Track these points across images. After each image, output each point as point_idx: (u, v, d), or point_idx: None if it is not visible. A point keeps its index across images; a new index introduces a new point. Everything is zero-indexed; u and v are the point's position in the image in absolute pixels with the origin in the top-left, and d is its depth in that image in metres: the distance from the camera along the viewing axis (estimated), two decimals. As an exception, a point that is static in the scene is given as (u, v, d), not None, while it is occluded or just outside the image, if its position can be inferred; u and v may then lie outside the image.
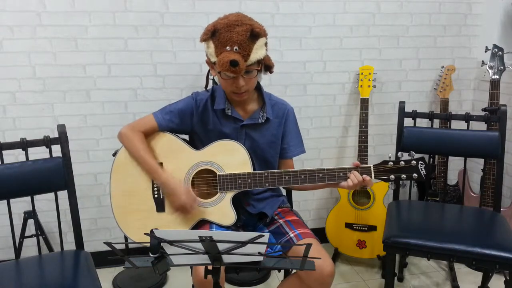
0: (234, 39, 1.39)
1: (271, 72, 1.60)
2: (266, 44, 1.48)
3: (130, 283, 2.26)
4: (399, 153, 1.47)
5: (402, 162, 1.45)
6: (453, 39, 2.62)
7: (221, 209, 1.52)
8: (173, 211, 1.52)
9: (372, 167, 1.46)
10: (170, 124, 1.58)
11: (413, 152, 1.45)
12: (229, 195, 1.52)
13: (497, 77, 2.29)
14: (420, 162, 1.44)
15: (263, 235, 0.98)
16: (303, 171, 1.49)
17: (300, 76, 2.48)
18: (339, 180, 1.48)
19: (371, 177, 1.45)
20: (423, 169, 1.44)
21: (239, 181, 1.50)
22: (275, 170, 1.51)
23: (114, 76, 2.27)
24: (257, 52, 1.43)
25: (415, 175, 1.45)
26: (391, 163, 1.46)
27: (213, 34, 1.43)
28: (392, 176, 1.45)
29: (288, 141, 1.66)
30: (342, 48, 2.49)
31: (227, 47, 1.40)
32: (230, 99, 1.58)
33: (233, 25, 1.40)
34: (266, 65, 1.56)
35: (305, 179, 1.49)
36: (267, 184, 1.50)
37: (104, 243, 0.99)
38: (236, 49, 1.39)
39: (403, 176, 1.45)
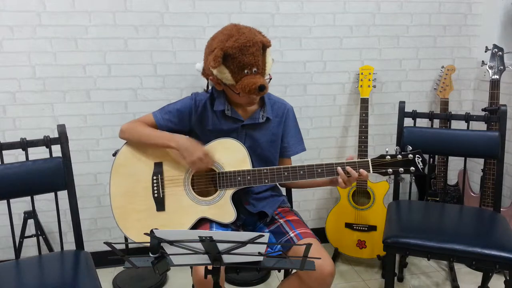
0: (252, 62, 1.41)
1: None
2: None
3: (130, 283, 2.26)
4: (396, 147, 1.48)
5: (399, 156, 1.47)
6: (453, 39, 2.62)
7: (221, 206, 1.52)
8: (190, 167, 1.50)
9: (370, 161, 1.48)
10: (168, 124, 1.58)
11: (410, 146, 1.47)
12: (229, 192, 1.52)
13: (497, 77, 2.29)
14: (417, 155, 1.46)
15: (263, 235, 0.98)
16: (302, 166, 1.50)
17: (300, 76, 2.48)
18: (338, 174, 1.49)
19: (369, 171, 1.47)
20: (420, 163, 1.46)
21: (239, 178, 1.51)
22: (274, 167, 1.51)
23: (114, 76, 2.27)
24: (269, 62, 1.48)
25: (412, 168, 1.46)
26: (388, 157, 1.47)
27: (225, 59, 1.42)
28: (390, 170, 1.47)
29: (289, 139, 1.67)
30: (342, 48, 2.49)
31: (246, 71, 1.41)
32: (234, 102, 1.58)
33: (245, 47, 1.40)
34: None
35: (304, 175, 1.50)
36: (266, 181, 1.51)
37: (104, 243, 0.99)
38: (255, 70, 1.42)
39: (401, 169, 1.47)
